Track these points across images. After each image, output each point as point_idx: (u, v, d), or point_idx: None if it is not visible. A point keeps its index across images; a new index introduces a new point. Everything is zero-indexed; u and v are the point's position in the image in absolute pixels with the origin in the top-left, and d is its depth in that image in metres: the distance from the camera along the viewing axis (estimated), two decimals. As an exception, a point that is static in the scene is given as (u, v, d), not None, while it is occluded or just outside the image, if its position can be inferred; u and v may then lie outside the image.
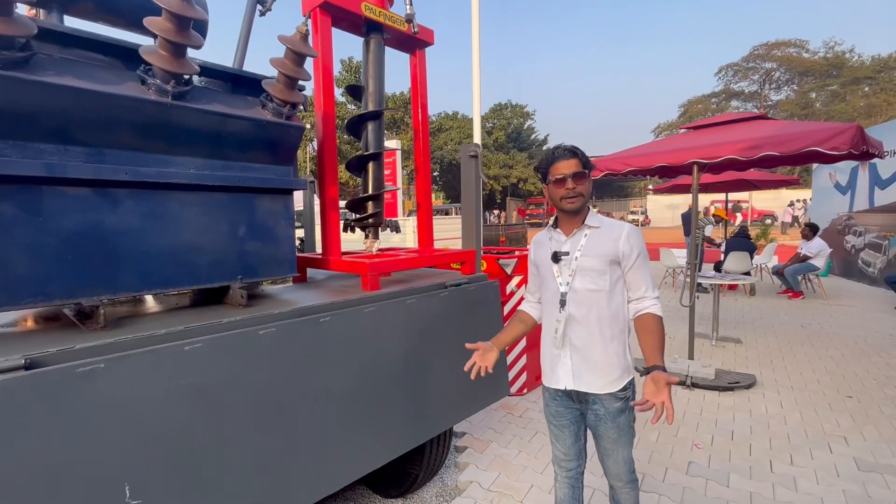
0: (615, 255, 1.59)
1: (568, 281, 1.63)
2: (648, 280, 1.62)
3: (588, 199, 1.63)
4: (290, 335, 1.57)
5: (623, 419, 1.65)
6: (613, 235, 1.60)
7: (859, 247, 9.09)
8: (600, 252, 1.59)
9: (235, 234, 1.71)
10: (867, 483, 2.54)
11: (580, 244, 1.62)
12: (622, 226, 1.62)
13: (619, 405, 1.63)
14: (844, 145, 3.45)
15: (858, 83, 32.68)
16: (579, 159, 1.59)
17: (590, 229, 1.64)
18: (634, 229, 1.61)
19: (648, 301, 1.60)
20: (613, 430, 1.65)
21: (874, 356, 4.62)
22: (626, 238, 1.59)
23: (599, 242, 1.60)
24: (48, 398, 1.10)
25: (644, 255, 1.61)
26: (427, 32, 2.49)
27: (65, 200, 1.33)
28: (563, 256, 1.65)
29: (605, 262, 1.59)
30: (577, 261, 1.61)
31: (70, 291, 1.35)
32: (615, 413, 1.63)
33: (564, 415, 1.74)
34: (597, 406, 1.65)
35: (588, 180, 1.61)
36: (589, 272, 1.60)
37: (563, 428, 1.75)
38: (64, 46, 1.37)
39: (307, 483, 1.58)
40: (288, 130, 1.78)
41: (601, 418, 1.65)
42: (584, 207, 1.64)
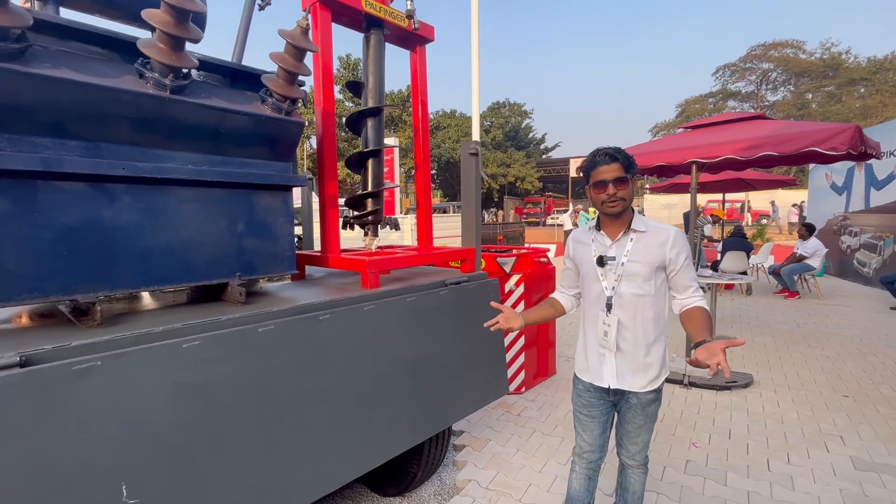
0: (662, 261, 1.62)
1: (614, 286, 1.66)
2: (694, 280, 1.65)
3: (630, 202, 1.64)
4: (289, 333, 1.56)
5: (652, 409, 1.73)
6: (660, 240, 1.62)
7: (855, 247, 9.14)
8: (648, 259, 1.62)
9: (234, 231, 1.69)
10: (864, 482, 2.55)
11: (626, 249, 1.65)
12: (668, 230, 1.64)
13: (652, 397, 1.71)
14: (843, 145, 3.46)
15: (854, 84, 32.86)
16: (620, 163, 1.59)
17: (636, 234, 1.65)
18: (680, 234, 1.64)
19: (695, 298, 1.65)
20: (641, 417, 1.73)
21: (870, 356, 4.64)
22: (672, 243, 1.61)
23: (646, 248, 1.63)
24: (43, 396, 1.08)
25: (689, 257, 1.64)
26: (427, 29, 2.47)
27: (61, 195, 1.31)
28: (608, 261, 1.67)
29: (651, 269, 1.62)
30: (625, 266, 1.64)
31: (66, 288, 1.33)
32: (646, 403, 1.71)
33: (596, 406, 1.79)
34: (631, 397, 1.72)
35: (630, 184, 1.62)
36: (635, 277, 1.63)
37: (592, 419, 1.80)
38: (60, 38, 1.35)
39: (305, 482, 1.57)
40: (287, 126, 1.76)
41: (633, 407, 1.73)
42: (626, 211, 1.65)
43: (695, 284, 1.66)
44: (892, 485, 2.51)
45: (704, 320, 1.59)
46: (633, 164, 1.63)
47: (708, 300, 5.70)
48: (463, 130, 35.48)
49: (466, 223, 2.59)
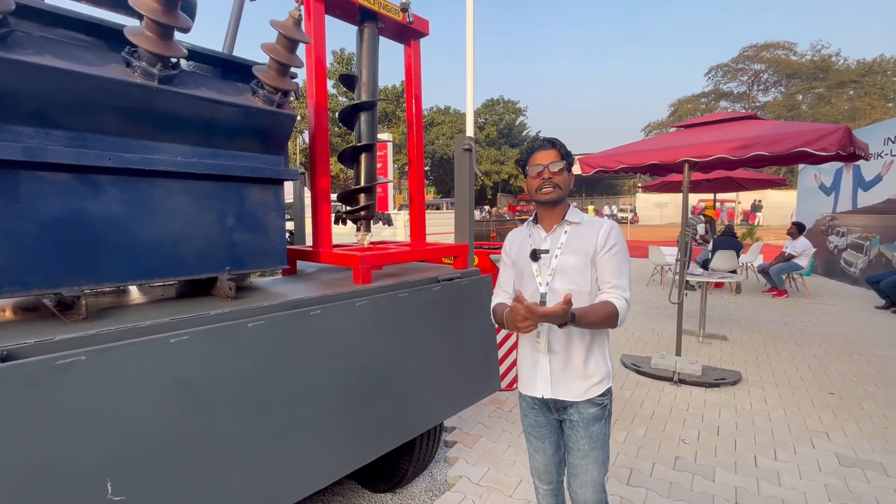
0: (594, 249, 1.51)
1: (548, 281, 1.54)
2: (621, 273, 1.48)
3: (566, 193, 1.56)
4: (279, 328, 1.54)
5: (598, 429, 1.53)
6: (593, 230, 1.52)
7: (842, 247, 9.28)
8: (581, 249, 1.51)
9: (224, 225, 1.67)
10: (848, 478, 2.59)
11: (560, 241, 1.55)
12: (604, 222, 1.55)
13: (595, 412, 1.53)
14: (833, 146, 3.50)
15: (843, 86, 33.25)
16: (558, 150, 1.54)
17: (570, 225, 1.56)
18: (615, 225, 1.54)
19: (612, 293, 1.46)
20: (585, 440, 1.53)
21: (855, 354, 4.72)
22: (605, 231, 1.51)
23: (579, 239, 1.52)
24: (26, 391, 1.05)
25: (622, 249, 1.51)
26: (422, 23, 2.45)
27: (45, 186, 1.28)
28: (542, 254, 1.57)
29: (585, 260, 1.51)
30: (557, 259, 1.53)
31: (50, 281, 1.30)
32: (589, 420, 1.53)
33: (544, 425, 1.64)
34: (572, 411, 1.55)
35: (567, 173, 1.54)
36: (569, 271, 1.52)
37: (542, 439, 1.65)
38: (44, 24, 1.31)
39: (295, 478, 1.56)
40: (279, 118, 1.74)
41: (574, 426, 1.55)
42: (562, 200, 1.56)
43: (619, 282, 1.47)
44: (875, 480, 2.56)
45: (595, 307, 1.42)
46: (570, 155, 1.57)
47: (698, 298, 5.75)
48: (457, 127, 35.40)
49: (459, 219, 2.58)
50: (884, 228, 8.07)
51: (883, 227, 8.09)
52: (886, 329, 5.66)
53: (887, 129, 8.24)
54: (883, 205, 8.17)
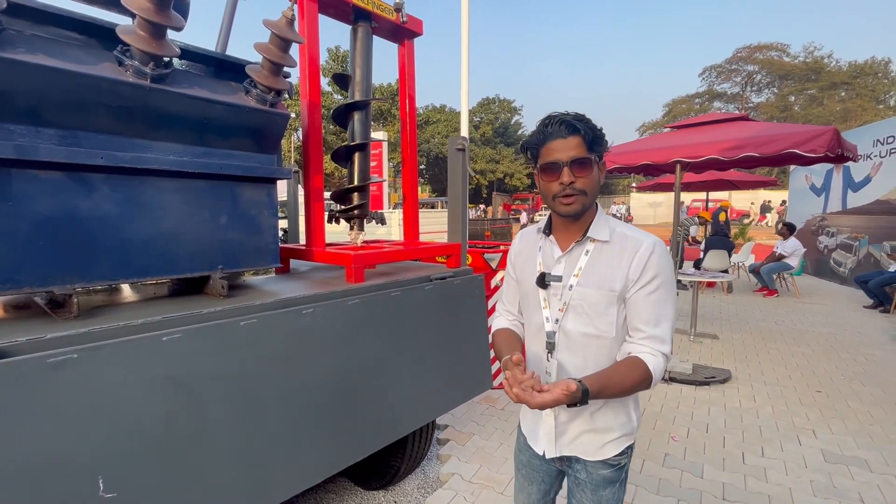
0: (625, 285, 1.10)
1: (557, 318, 1.17)
2: (661, 318, 1.09)
3: (594, 198, 1.14)
4: (271, 327, 1.54)
5: (608, 494, 1.22)
6: (627, 255, 1.10)
7: (832, 247, 9.40)
8: (605, 281, 1.11)
9: (217, 223, 1.67)
10: (833, 474, 2.64)
11: (578, 266, 1.14)
12: (641, 241, 1.11)
13: (608, 474, 1.21)
14: (821, 148, 3.55)
15: (835, 88, 33.62)
16: (582, 137, 1.07)
17: (594, 244, 1.15)
18: (661, 247, 1.10)
19: (646, 347, 1.09)
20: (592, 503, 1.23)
21: (842, 352, 4.79)
22: (642, 258, 1.08)
23: (604, 266, 1.12)
24: (17, 389, 1.06)
25: (666, 283, 1.10)
26: (416, 22, 2.46)
27: (36, 184, 1.28)
28: (552, 281, 1.17)
29: (611, 297, 1.11)
30: (572, 291, 1.14)
31: (42, 279, 1.30)
32: (599, 482, 1.21)
33: (537, 469, 1.35)
34: (579, 467, 1.24)
35: (595, 169, 1.10)
36: (586, 310, 1.13)
37: (531, 482, 1.37)
38: (36, 23, 1.31)
39: (287, 475, 1.57)
40: (272, 118, 1.74)
41: (581, 484, 1.24)
42: (587, 210, 1.14)
43: (656, 331, 1.09)
44: (859, 476, 2.61)
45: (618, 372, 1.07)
46: (600, 139, 1.10)
47: (690, 297, 5.82)
48: (452, 126, 35.40)
49: (453, 219, 2.59)
50: (872, 229, 8.18)
51: (872, 228, 8.21)
52: (873, 328, 5.75)
53: (876, 131, 8.35)
54: (872, 205, 8.28)
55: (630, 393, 1.10)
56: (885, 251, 7.71)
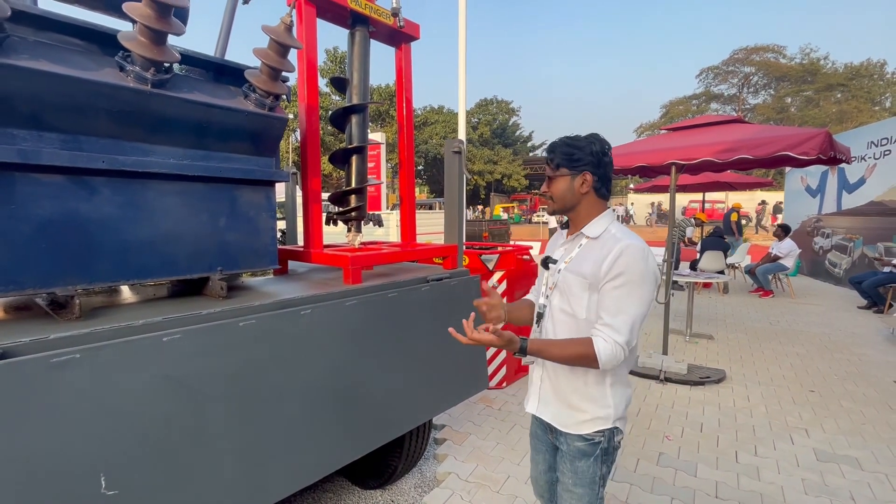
0: (596, 275, 1.28)
1: (548, 294, 1.43)
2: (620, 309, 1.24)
3: (567, 202, 1.37)
4: (269, 327, 1.57)
5: (584, 466, 1.36)
6: (605, 251, 1.28)
7: (827, 248, 9.46)
8: (584, 270, 1.31)
9: (216, 225, 1.70)
10: (824, 472, 2.67)
11: (570, 255, 1.38)
12: (619, 241, 1.28)
13: (582, 446, 1.36)
14: (814, 150, 3.59)
15: (831, 90, 33.79)
16: (550, 160, 1.39)
17: (586, 239, 1.37)
18: (633, 249, 1.25)
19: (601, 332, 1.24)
20: (570, 474, 1.38)
21: (836, 353, 4.84)
22: (614, 255, 1.25)
23: (588, 259, 1.32)
24: (21, 388, 1.08)
25: (631, 281, 1.24)
26: (413, 27, 2.49)
27: (39, 188, 1.30)
28: (551, 264, 1.44)
29: (584, 284, 1.30)
30: (560, 274, 1.38)
31: (44, 281, 1.33)
32: (575, 454, 1.37)
33: (540, 439, 1.56)
34: (561, 439, 1.41)
35: (560, 181, 1.36)
36: (566, 291, 1.36)
37: (537, 452, 1.58)
38: (39, 29, 1.33)
39: (285, 474, 1.59)
40: (271, 121, 1.77)
41: (562, 456, 1.42)
42: (564, 211, 1.40)
43: (613, 320, 1.23)
44: (850, 475, 2.65)
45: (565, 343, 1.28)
46: (568, 160, 1.34)
47: (686, 298, 5.86)
48: (450, 126, 35.45)
49: (449, 221, 2.62)
50: (867, 230, 8.25)
51: (866, 229, 8.28)
52: (867, 328, 5.81)
53: (870, 133, 8.42)
54: (866, 207, 8.35)
55: (571, 363, 1.28)
56: (879, 252, 7.78)
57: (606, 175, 1.36)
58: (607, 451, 1.37)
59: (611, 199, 1.66)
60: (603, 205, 1.39)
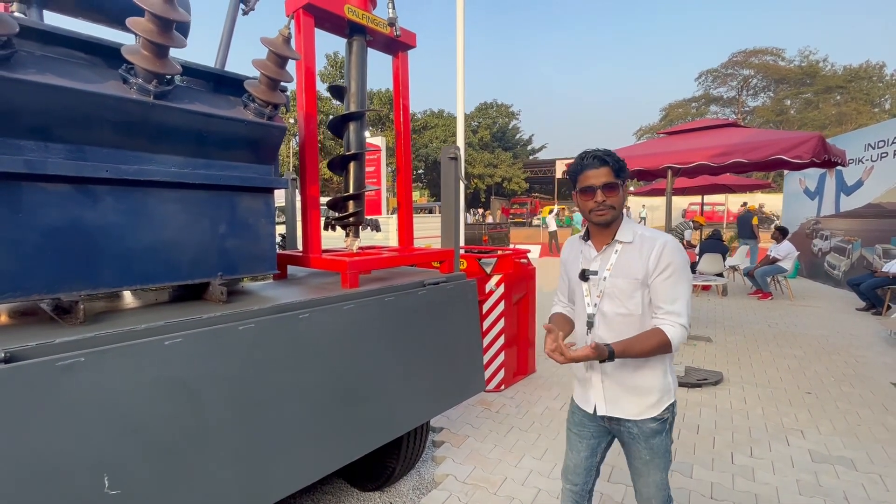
0: (644, 272, 1.43)
1: (596, 302, 1.52)
2: (675, 297, 1.40)
3: (620, 211, 1.49)
4: (268, 331, 1.61)
5: (658, 441, 1.52)
6: (644, 251, 1.44)
7: (825, 250, 9.48)
8: (630, 272, 1.45)
9: (216, 232, 1.74)
10: (819, 473, 2.70)
11: (609, 262, 1.50)
12: (656, 239, 1.45)
13: (656, 426, 1.51)
14: (807, 154, 3.64)
15: (830, 92, 33.89)
16: (610, 167, 1.45)
17: (621, 245, 1.49)
18: (671, 243, 1.43)
19: (666, 320, 1.41)
20: (646, 451, 1.53)
21: (833, 355, 4.86)
22: (657, 251, 1.41)
23: (630, 261, 1.46)
24: (28, 391, 1.12)
25: (678, 269, 1.41)
26: (409, 36, 2.54)
27: (45, 197, 1.35)
28: (591, 275, 1.54)
29: (635, 284, 1.45)
30: (606, 281, 1.49)
31: (50, 286, 1.37)
32: (649, 434, 1.51)
33: (588, 427, 1.65)
34: (630, 424, 1.54)
35: (621, 191, 1.47)
36: (618, 294, 1.48)
37: (582, 439, 1.67)
38: (45, 44, 1.38)
39: (284, 475, 1.63)
40: (269, 130, 1.82)
41: (635, 437, 1.54)
42: (616, 220, 1.50)
43: (673, 307, 1.40)
44: (844, 475, 2.67)
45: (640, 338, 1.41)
46: (623, 169, 1.48)
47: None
48: (450, 130, 35.59)
49: (446, 225, 2.66)
50: (865, 232, 8.27)
51: (864, 231, 8.30)
52: (865, 330, 5.82)
53: (868, 135, 8.46)
54: (864, 209, 8.37)
55: (652, 353, 1.42)
56: (877, 254, 7.80)
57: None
58: (671, 422, 1.57)
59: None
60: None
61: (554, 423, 3.35)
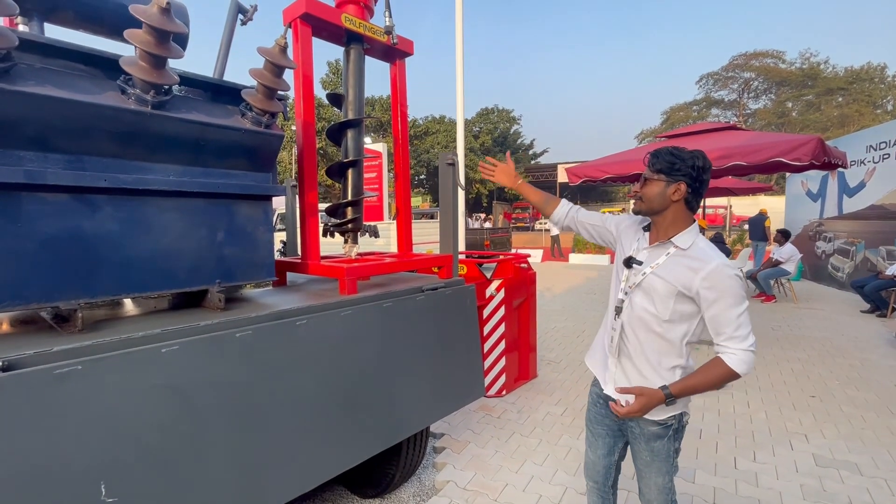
0: (687, 287, 1.41)
1: (628, 291, 1.54)
2: (734, 324, 1.37)
3: (655, 206, 1.49)
4: (266, 338, 1.62)
5: (659, 445, 1.54)
6: (695, 266, 1.41)
7: (829, 252, 9.44)
8: (675, 278, 1.43)
9: (214, 239, 1.75)
10: (823, 478, 2.67)
11: (658, 261, 1.49)
12: (710, 259, 1.40)
13: (656, 430, 1.53)
14: (806, 156, 3.63)
15: (832, 94, 33.79)
16: (652, 165, 1.50)
17: (675, 249, 1.47)
18: (723, 267, 1.37)
19: (727, 347, 1.39)
20: (647, 453, 1.57)
21: (838, 357, 4.82)
22: (705, 275, 1.38)
23: (676, 267, 1.44)
24: (26, 399, 1.13)
25: (730, 296, 1.37)
26: (406, 43, 2.56)
27: (44, 206, 1.36)
28: (635, 264, 1.54)
29: (671, 290, 1.43)
30: (646, 277, 1.49)
31: (48, 295, 1.38)
32: (650, 436, 1.54)
33: (602, 423, 1.70)
34: (632, 423, 1.58)
35: (656, 186, 1.47)
36: (652, 293, 1.47)
37: (598, 437, 1.72)
38: (45, 56, 1.40)
39: (282, 481, 1.63)
40: (267, 138, 1.83)
41: (636, 437, 1.59)
42: (652, 213, 1.52)
43: (736, 333, 1.37)
44: (849, 480, 2.64)
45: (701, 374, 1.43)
46: (669, 168, 1.45)
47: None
48: (452, 136, 35.70)
49: (444, 231, 2.67)
50: (868, 233, 8.23)
51: (868, 233, 8.26)
52: (870, 333, 5.78)
53: (869, 137, 8.44)
54: (867, 211, 8.34)
55: (719, 385, 1.47)
56: (881, 256, 7.75)
57: (700, 191, 1.48)
58: (678, 430, 1.56)
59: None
60: (690, 216, 1.51)
61: (555, 428, 3.34)
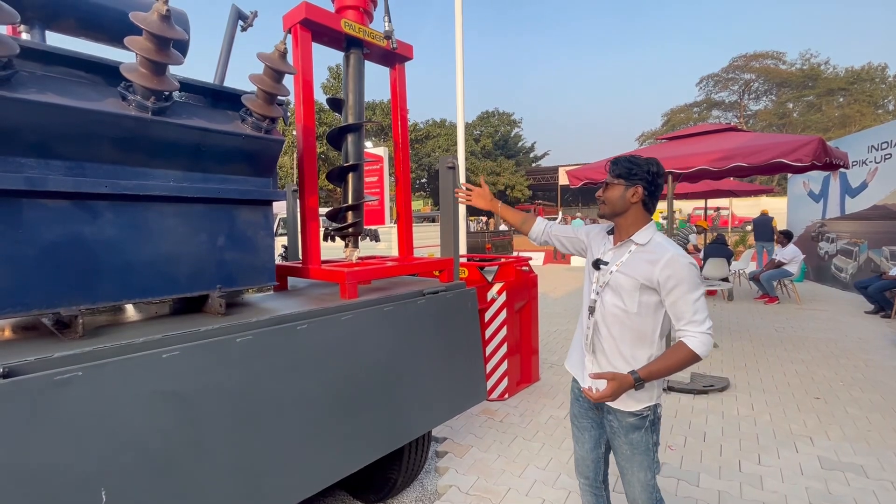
0: (649, 279, 1.52)
1: (598, 291, 1.64)
2: (691, 309, 1.47)
3: (617, 209, 1.61)
4: (267, 343, 1.62)
5: (637, 437, 1.60)
6: (653, 259, 1.52)
7: (832, 253, 9.40)
8: (637, 273, 1.54)
9: (214, 245, 1.76)
10: (829, 480, 2.65)
11: (621, 259, 1.60)
12: (665, 250, 1.53)
13: (634, 421, 1.59)
14: (807, 157, 3.62)
15: (833, 94, 33.74)
16: (610, 169, 1.63)
17: (636, 246, 1.59)
18: (678, 256, 1.50)
19: (687, 331, 1.48)
20: (626, 446, 1.61)
21: (842, 359, 4.79)
22: (663, 265, 1.49)
23: (640, 263, 1.55)
24: (26, 406, 1.13)
25: (686, 283, 1.48)
26: (406, 48, 2.57)
27: (45, 213, 1.37)
28: (602, 265, 1.65)
29: (635, 284, 1.54)
30: (612, 275, 1.60)
31: (49, 301, 1.38)
32: (628, 428, 1.60)
33: (585, 417, 1.76)
34: (611, 417, 1.64)
35: (616, 190, 1.60)
36: (619, 290, 1.58)
37: (583, 431, 1.77)
38: (46, 64, 1.41)
39: (285, 486, 1.62)
40: (267, 143, 1.84)
41: (615, 431, 1.64)
42: (615, 215, 1.63)
43: (695, 317, 1.47)
44: (855, 482, 2.62)
45: (665, 358, 1.50)
46: (627, 173, 1.58)
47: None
48: (453, 139, 35.77)
49: (445, 234, 2.67)
50: (871, 234, 8.19)
51: (871, 233, 8.22)
52: (874, 334, 5.74)
53: (871, 137, 8.42)
54: (869, 211, 8.31)
55: (682, 367, 1.50)
56: (884, 256, 7.72)
57: (655, 193, 1.61)
58: (654, 422, 1.62)
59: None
60: (647, 216, 1.63)
61: (558, 431, 3.32)
